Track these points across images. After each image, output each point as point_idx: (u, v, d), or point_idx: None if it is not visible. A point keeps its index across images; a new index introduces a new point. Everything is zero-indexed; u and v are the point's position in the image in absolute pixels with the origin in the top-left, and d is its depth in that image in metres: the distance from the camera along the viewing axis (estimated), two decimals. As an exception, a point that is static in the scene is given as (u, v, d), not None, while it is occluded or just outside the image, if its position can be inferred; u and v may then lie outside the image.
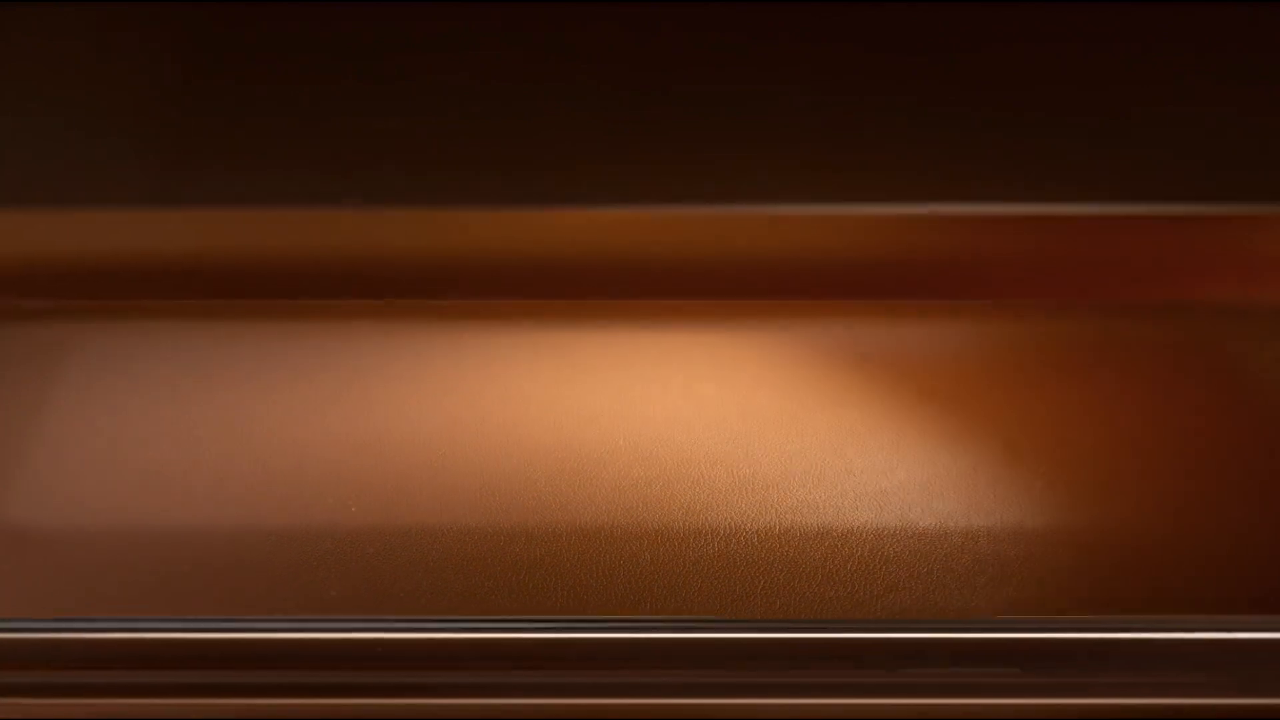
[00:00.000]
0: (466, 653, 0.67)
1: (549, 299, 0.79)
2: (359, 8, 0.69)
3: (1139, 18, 0.70)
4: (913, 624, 0.68)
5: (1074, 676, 0.67)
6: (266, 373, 0.77)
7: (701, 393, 0.79)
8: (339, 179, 0.72)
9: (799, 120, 0.71)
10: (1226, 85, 0.70)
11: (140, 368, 0.77)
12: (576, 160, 0.72)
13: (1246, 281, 0.78)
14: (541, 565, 0.72)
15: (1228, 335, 0.76)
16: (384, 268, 0.81)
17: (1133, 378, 0.78)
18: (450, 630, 0.68)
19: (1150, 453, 0.75)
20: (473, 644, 0.67)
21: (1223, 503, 0.74)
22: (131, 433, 0.75)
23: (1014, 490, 0.75)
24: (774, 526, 0.73)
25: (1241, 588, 0.73)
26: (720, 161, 0.72)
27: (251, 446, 0.74)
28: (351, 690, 0.66)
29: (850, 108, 0.70)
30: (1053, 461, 0.76)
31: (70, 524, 0.72)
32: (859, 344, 0.82)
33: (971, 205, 0.74)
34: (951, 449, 0.76)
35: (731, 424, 0.77)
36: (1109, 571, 0.73)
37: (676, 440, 0.76)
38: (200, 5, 0.69)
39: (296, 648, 0.66)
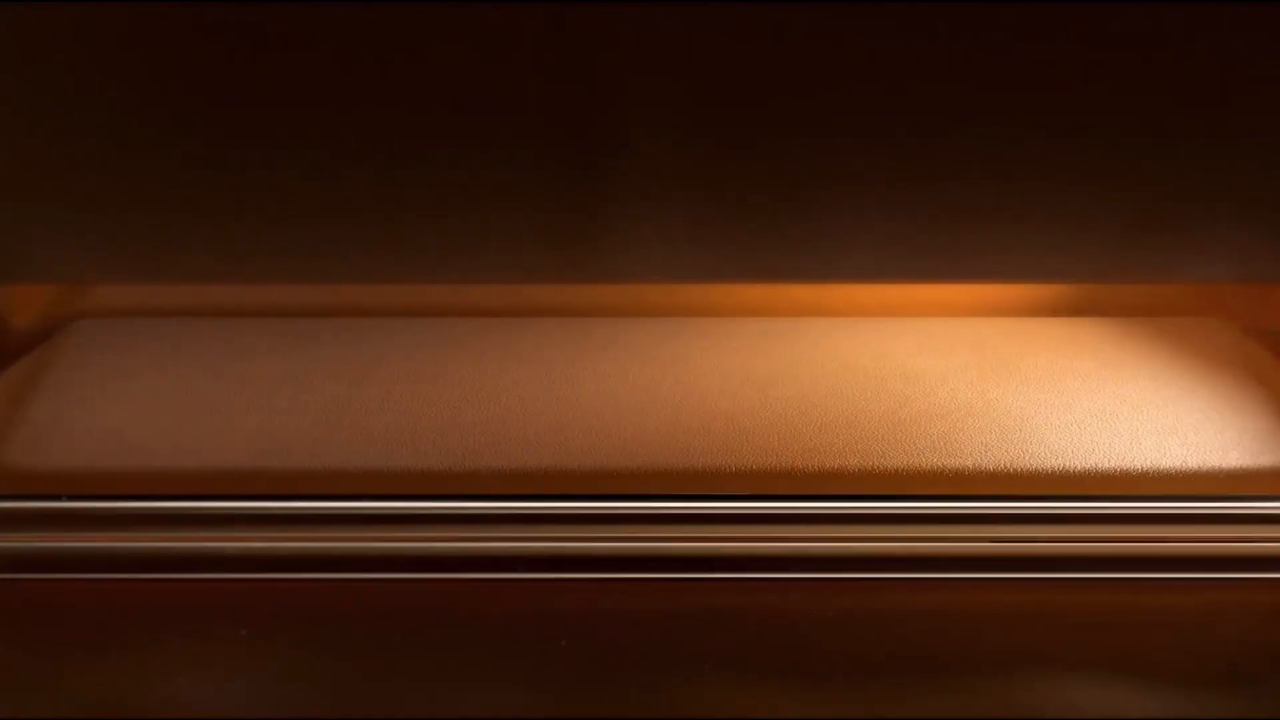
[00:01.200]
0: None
1: None
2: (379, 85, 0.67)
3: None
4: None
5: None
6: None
7: (711, 366, 0.83)
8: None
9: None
10: None
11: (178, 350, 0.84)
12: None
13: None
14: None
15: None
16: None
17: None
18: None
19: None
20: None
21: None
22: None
23: (1021, 438, 0.78)
24: (779, 469, 0.76)
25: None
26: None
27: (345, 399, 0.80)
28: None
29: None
30: (1050, 413, 0.79)
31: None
32: (867, 338, 0.87)
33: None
34: (955, 406, 0.80)
35: (738, 385, 0.81)
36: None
37: (680, 399, 0.80)
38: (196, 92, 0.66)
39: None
